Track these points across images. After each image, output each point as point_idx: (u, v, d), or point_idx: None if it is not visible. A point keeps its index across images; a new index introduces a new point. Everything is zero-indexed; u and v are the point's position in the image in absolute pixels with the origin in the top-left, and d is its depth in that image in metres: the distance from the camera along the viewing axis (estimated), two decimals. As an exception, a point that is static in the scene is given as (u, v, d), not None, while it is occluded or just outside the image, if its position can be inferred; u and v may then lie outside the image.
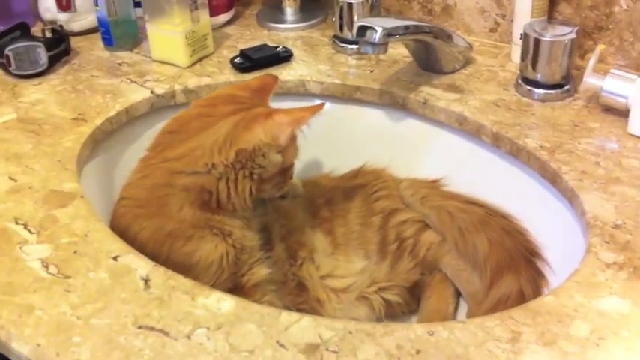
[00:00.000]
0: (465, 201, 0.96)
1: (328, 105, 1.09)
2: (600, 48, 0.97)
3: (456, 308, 0.94)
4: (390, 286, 0.92)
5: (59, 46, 1.16)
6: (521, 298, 0.84)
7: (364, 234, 0.95)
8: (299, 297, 0.88)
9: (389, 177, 1.02)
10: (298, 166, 0.92)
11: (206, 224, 0.80)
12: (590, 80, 0.96)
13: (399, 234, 0.95)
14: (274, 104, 1.11)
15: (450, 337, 0.64)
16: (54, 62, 1.14)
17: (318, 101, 1.10)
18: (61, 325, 0.67)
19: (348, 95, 1.10)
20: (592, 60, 0.95)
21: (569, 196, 0.84)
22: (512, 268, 0.87)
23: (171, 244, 0.79)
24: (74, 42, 1.22)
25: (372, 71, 1.11)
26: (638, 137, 0.91)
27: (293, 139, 0.84)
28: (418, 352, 0.63)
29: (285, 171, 0.86)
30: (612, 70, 0.94)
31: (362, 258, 0.94)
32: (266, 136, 0.80)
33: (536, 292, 0.85)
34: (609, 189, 0.82)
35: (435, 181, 1.02)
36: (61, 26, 1.19)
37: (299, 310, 0.86)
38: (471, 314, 0.89)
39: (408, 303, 0.94)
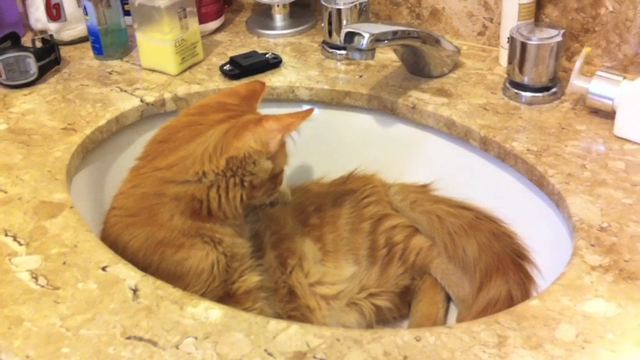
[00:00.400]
0: (454, 205, 0.97)
1: (317, 111, 1.10)
2: (586, 50, 0.98)
3: (446, 312, 0.95)
4: (380, 292, 0.92)
5: (49, 55, 1.16)
6: (509, 301, 0.84)
7: (354, 240, 0.95)
8: (290, 304, 0.88)
9: (378, 182, 1.03)
10: (288, 172, 0.93)
11: (197, 232, 0.80)
12: (576, 83, 0.96)
13: (388, 239, 0.95)
14: (264, 110, 1.12)
15: (437, 342, 0.65)
16: (44, 72, 1.15)
17: (306, 107, 1.11)
18: (50, 337, 0.67)
19: (337, 101, 1.10)
20: (578, 62, 0.96)
21: (556, 199, 0.84)
22: (501, 271, 0.88)
23: (162, 253, 0.79)
24: (64, 51, 1.22)
25: (360, 76, 1.12)
26: (624, 139, 0.91)
27: (283, 145, 0.85)
28: (405, 358, 0.63)
29: (276, 177, 0.86)
30: (598, 73, 0.95)
31: (352, 264, 0.94)
32: (256, 142, 0.80)
33: (525, 295, 0.85)
34: (595, 191, 0.83)
35: (424, 186, 1.02)
36: (51, 36, 1.20)
37: (290, 317, 0.86)
38: (460, 319, 0.90)
39: (398, 308, 0.94)
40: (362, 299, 0.91)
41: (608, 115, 0.94)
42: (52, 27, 1.24)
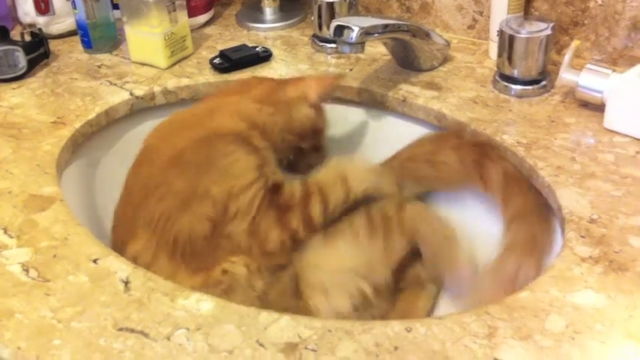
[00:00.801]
0: (414, 142, 0.99)
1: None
2: (575, 43, 0.98)
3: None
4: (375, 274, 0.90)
5: (38, 49, 1.15)
6: (513, 174, 0.89)
7: (352, 221, 0.94)
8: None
9: None
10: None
11: (249, 140, 0.87)
12: (566, 76, 0.97)
13: (384, 214, 0.94)
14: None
15: (428, 333, 0.65)
16: (33, 65, 1.14)
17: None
18: (41, 329, 0.67)
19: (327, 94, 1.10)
20: (567, 56, 0.96)
21: (546, 192, 0.85)
22: (487, 156, 0.91)
23: (212, 143, 0.85)
24: (53, 45, 1.22)
25: (351, 70, 1.12)
26: (613, 132, 0.92)
27: (321, 112, 0.97)
28: (396, 348, 0.64)
29: (317, 134, 0.96)
30: (588, 66, 0.95)
31: (350, 245, 0.92)
32: (297, 91, 0.94)
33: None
34: (585, 184, 0.83)
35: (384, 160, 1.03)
36: (40, 29, 1.19)
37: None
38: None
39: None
40: (359, 281, 0.89)
41: (597, 107, 0.95)
42: (41, 21, 1.24)
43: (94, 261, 0.75)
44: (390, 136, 1.08)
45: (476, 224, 0.94)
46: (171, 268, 0.80)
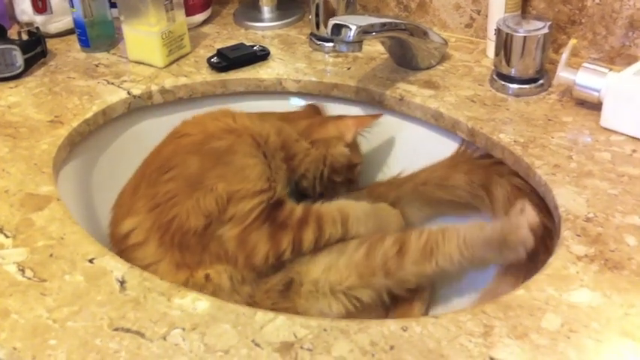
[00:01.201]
0: (428, 167, 0.99)
1: (305, 103, 1.10)
2: (573, 42, 0.98)
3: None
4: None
5: (35, 48, 1.15)
6: (518, 190, 0.90)
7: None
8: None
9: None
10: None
11: (273, 155, 0.89)
12: (563, 74, 0.97)
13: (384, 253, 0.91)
14: (253, 103, 1.13)
15: (423, 332, 0.65)
16: (30, 64, 1.14)
17: (300, 102, 1.11)
18: (37, 329, 0.67)
19: (325, 93, 1.10)
20: (565, 54, 0.96)
21: (543, 190, 0.85)
22: (496, 171, 0.93)
23: (240, 138, 0.87)
24: (51, 44, 1.22)
25: (348, 68, 1.12)
26: (610, 130, 0.92)
27: (357, 145, 1.00)
28: (392, 347, 0.64)
29: (352, 168, 0.99)
30: (585, 64, 0.95)
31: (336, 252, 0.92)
32: (336, 130, 0.96)
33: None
34: (581, 182, 0.83)
35: (394, 177, 1.03)
36: (37, 28, 1.19)
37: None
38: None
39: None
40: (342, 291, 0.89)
41: (594, 106, 0.95)
42: (38, 19, 1.24)
43: (90, 260, 0.75)
44: (388, 134, 1.08)
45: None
46: (157, 256, 0.81)
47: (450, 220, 0.99)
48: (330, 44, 1.16)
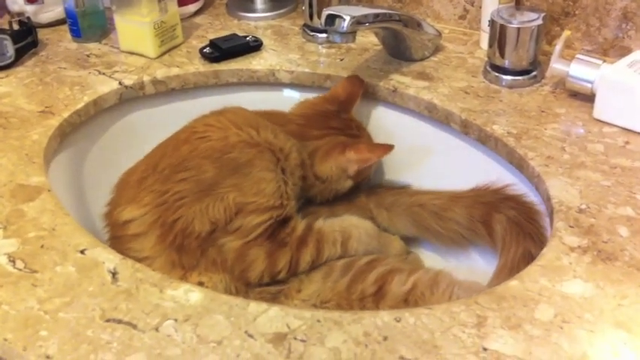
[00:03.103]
0: (431, 192, 0.97)
1: (298, 94, 1.10)
2: (566, 34, 0.98)
3: None
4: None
5: (26, 38, 1.14)
6: (517, 225, 0.87)
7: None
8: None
9: (363, 195, 1.00)
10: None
11: (293, 173, 0.89)
12: (556, 66, 0.96)
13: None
14: (245, 94, 1.13)
15: (417, 323, 0.65)
16: (21, 54, 1.13)
17: (293, 93, 1.11)
18: (28, 320, 0.67)
19: (318, 84, 1.10)
20: (558, 46, 0.96)
21: (536, 182, 0.85)
22: (495, 208, 0.90)
23: (262, 152, 0.86)
24: (42, 34, 1.21)
25: (342, 60, 1.12)
26: (603, 122, 0.92)
27: (369, 166, 0.97)
28: (385, 338, 0.63)
29: (358, 184, 0.97)
30: (578, 56, 0.95)
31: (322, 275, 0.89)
32: (337, 168, 0.93)
33: (529, 216, 0.86)
34: (574, 174, 0.83)
35: (401, 187, 1.02)
36: (28, 18, 1.18)
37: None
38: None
39: None
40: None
41: (587, 98, 0.95)
42: (29, 9, 1.23)
43: (82, 251, 0.75)
44: (381, 126, 1.07)
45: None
46: (154, 252, 0.81)
47: (430, 247, 0.99)
48: (324, 35, 1.16)
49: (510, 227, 0.87)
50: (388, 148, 0.93)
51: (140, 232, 0.82)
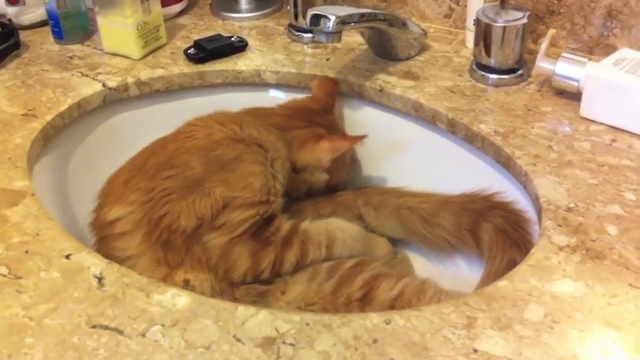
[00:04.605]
0: (420, 195, 0.96)
1: (284, 95, 1.09)
2: (552, 32, 0.98)
3: None
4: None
5: (8, 40, 1.13)
6: (504, 234, 0.86)
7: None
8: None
9: (350, 194, 1.00)
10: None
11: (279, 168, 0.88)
12: (542, 64, 0.96)
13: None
14: (231, 95, 1.12)
15: (407, 325, 0.64)
16: (3, 57, 1.12)
17: (279, 93, 1.10)
18: (12, 327, 0.65)
19: (304, 84, 1.09)
20: (544, 44, 0.96)
21: (523, 181, 0.85)
22: (483, 217, 0.89)
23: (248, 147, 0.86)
24: (24, 36, 1.19)
25: (327, 59, 1.11)
26: (589, 120, 0.92)
27: (342, 163, 0.97)
28: (375, 341, 0.63)
29: (334, 187, 0.98)
30: (564, 54, 0.95)
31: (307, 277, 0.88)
32: (313, 157, 0.93)
33: (517, 224, 0.86)
34: (562, 172, 0.83)
35: (390, 188, 1.01)
36: (9, 20, 1.17)
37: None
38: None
39: None
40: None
41: (573, 96, 0.95)
42: (11, 11, 1.21)
43: (67, 256, 0.74)
44: (368, 126, 1.07)
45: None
46: (139, 250, 0.80)
47: (416, 250, 0.98)
48: (309, 35, 1.15)
49: (497, 236, 0.86)
50: (361, 137, 0.95)
51: (126, 230, 0.81)
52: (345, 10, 0.96)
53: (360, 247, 0.90)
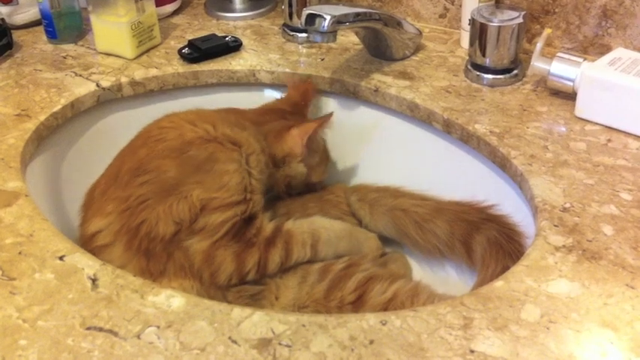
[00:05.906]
0: (416, 197, 0.96)
1: (278, 95, 1.09)
2: (547, 32, 0.98)
3: None
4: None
5: (1, 40, 1.12)
6: (498, 245, 0.85)
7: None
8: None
9: (341, 192, 1.00)
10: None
11: (254, 165, 0.87)
12: (537, 64, 0.96)
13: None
14: (225, 95, 1.11)
15: (403, 325, 0.64)
16: (-4, 57, 1.11)
17: (274, 93, 1.10)
18: (6, 329, 0.65)
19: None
20: (539, 44, 0.96)
21: (519, 181, 0.85)
22: (477, 229, 0.88)
23: (221, 145, 0.84)
24: (17, 35, 1.19)
25: (322, 59, 1.11)
26: (585, 120, 0.92)
27: (320, 162, 0.99)
28: (371, 342, 0.63)
29: (312, 186, 0.98)
30: (559, 54, 0.95)
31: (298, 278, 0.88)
32: (288, 148, 0.93)
33: (510, 238, 0.85)
34: (557, 172, 0.83)
35: (385, 186, 1.01)
36: (2, 19, 1.16)
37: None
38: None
39: None
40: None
41: (568, 96, 0.95)
42: (4, 11, 1.20)
43: (61, 258, 0.73)
44: (363, 126, 1.07)
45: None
46: (123, 260, 0.79)
47: (407, 251, 0.98)
48: (304, 35, 1.15)
49: (490, 247, 0.86)
50: (327, 116, 0.96)
51: (107, 242, 0.80)
52: (340, 10, 0.95)
53: (345, 245, 0.89)
